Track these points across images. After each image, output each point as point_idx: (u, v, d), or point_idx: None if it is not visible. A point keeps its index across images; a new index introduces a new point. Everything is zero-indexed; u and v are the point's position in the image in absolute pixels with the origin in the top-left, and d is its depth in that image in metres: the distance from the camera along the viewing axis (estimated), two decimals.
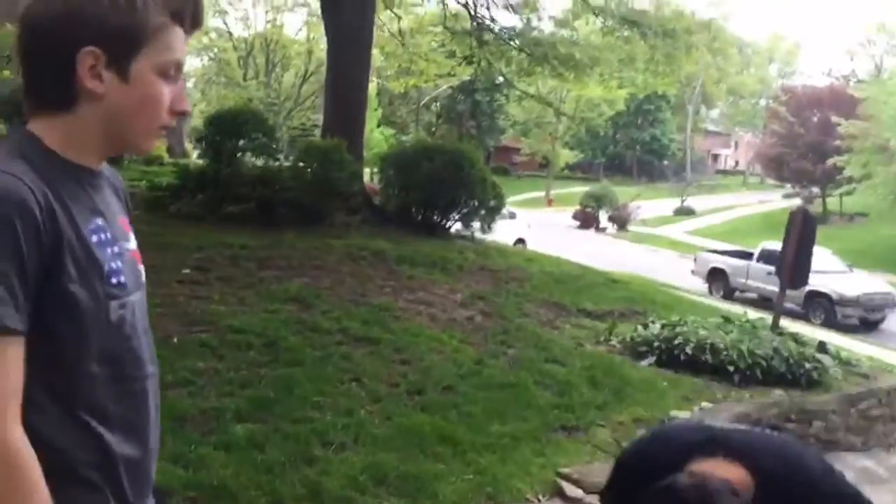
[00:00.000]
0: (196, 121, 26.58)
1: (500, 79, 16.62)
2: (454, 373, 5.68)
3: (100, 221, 1.25)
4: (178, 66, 1.29)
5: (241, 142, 10.21)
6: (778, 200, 44.58)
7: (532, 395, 5.58)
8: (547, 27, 12.49)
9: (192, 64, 46.71)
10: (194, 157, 13.77)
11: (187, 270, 7.16)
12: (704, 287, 18.98)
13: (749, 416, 5.92)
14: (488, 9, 12.79)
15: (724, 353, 6.95)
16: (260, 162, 10.95)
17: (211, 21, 43.08)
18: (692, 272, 19.91)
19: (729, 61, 51.90)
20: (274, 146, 10.78)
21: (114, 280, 1.24)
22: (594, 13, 12.90)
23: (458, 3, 12.75)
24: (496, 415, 5.04)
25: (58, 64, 1.19)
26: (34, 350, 1.13)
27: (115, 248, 1.27)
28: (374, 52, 22.41)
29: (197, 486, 3.39)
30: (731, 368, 6.84)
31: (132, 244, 1.36)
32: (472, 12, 12.40)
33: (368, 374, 5.25)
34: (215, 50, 44.20)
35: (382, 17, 16.75)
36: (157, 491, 1.51)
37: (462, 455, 4.34)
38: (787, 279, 7.86)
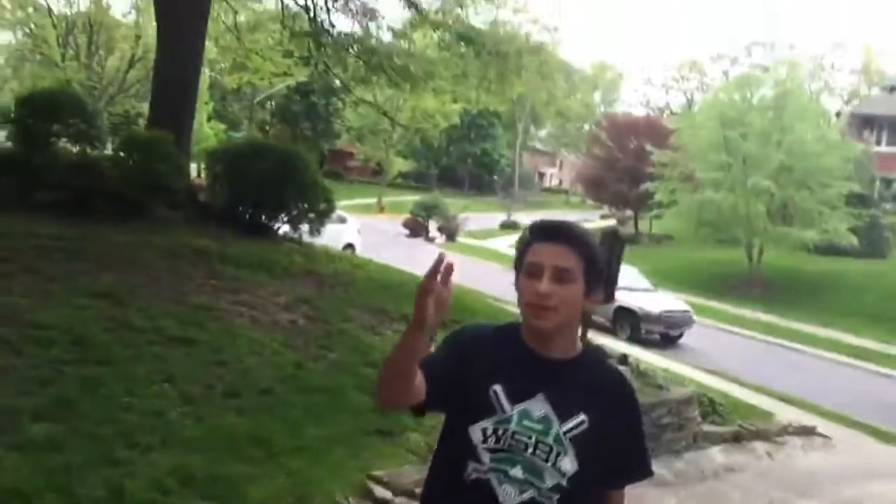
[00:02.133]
0: (5, 98, 24.59)
1: (337, 83, 16.55)
2: (273, 376, 5.65)
3: None
4: None
5: (57, 126, 9.59)
6: (596, 220, 47.09)
7: (350, 399, 5.63)
8: (386, 37, 12.64)
9: (4, 38, 43.34)
10: (1, 138, 12.78)
11: None
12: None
13: None
14: (328, 12, 12.75)
15: None
16: (77, 149, 10.33)
17: None
18: (514, 285, 20.67)
19: (557, 85, 54.31)
20: (94, 133, 10.19)
21: None
22: (432, 27, 13.16)
23: (297, 3, 12.62)
24: (313, 418, 5.06)
25: None
26: None
27: None
28: (208, 44, 21.75)
29: None
30: None
31: None
32: (311, 14, 12.31)
33: (182, 375, 5.12)
34: (32, 25, 41.10)
35: (217, 7, 16.30)
36: None
37: (275, 458, 4.34)
38: None
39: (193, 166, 14.73)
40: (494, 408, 1.92)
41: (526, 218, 47.58)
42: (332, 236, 17.05)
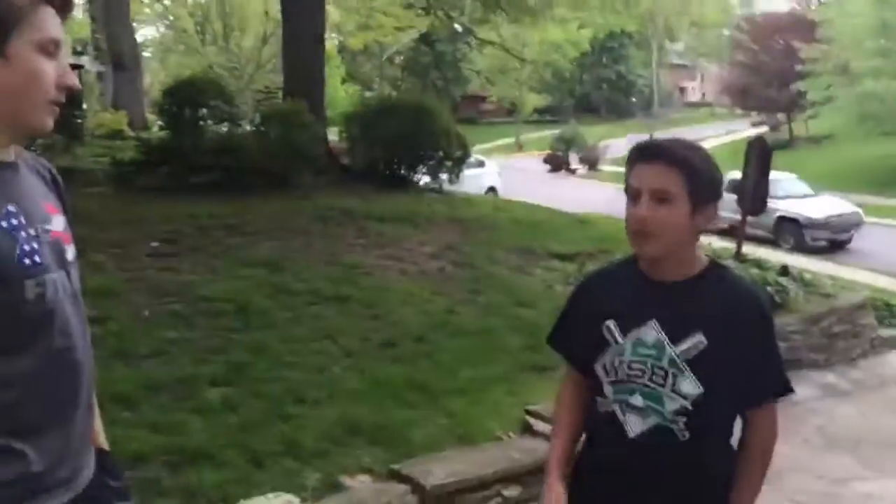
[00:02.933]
0: (156, 91, 26.15)
1: (460, 28, 16.48)
2: (425, 323, 5.81)
3: (11, 208, 1.32)
4: (56, 43, 1.35)
5: (202, 111, 10.12)
6: (746, 129, 44.75)
7: (502, 339, 5.73)
8: None
9: (148, 33, 45.84)
10: (155, 128, 13.64)
11: (156, 244, 7.19)
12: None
13: None
14: None
15: None
16: (224, 129, 10.87)
17: None
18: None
19: None
20: (235, 112, 10.69)
21: (27, 261, 1.31)
22: None
23: None
24: (467, 360, 5.18)
25: None
26: None
27: (31, 231, 1.34)
28: (332, 8, 22.11)
29: (174, 451, 3.51)
30: None
31: (55, 226, 1.42)
32: None
33: (340, 331, 5.37)
34: (170, 18, 43.27)
35: None
36: (104, 457, 1.60)
37: (434, 401, 4.49)
38: (746, 207, 8.03)
39: (334, 130, 15.11)
40: (609, 342, 1.92)
41: (671, 136, 45.93)
42: (473, 181, 17.20)
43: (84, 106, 25.08)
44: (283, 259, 6.93)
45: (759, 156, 7.96)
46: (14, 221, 1.31)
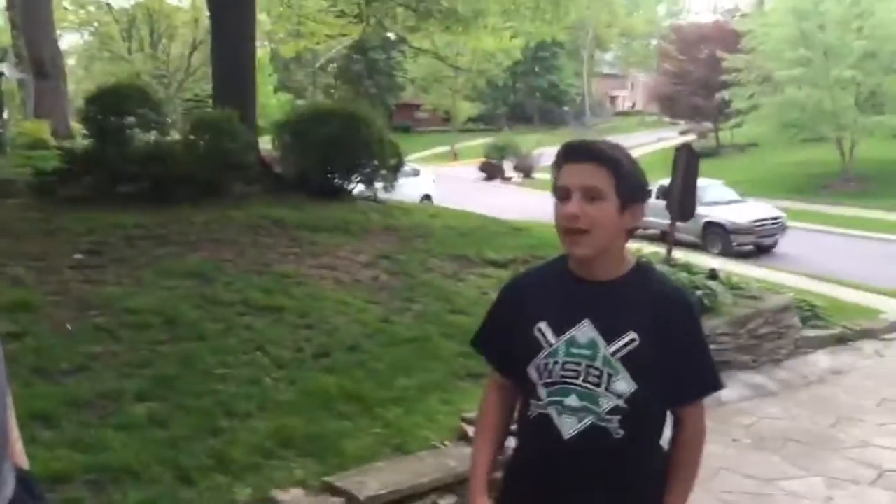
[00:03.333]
0: (81, 100, 25.40)
1: (393, 36, 16.48)
2: (360, 332, 5.75)
3: None
4: None
5: (127, 118, 9.85)
6: (675, 137, 45.79)
7: (438, 346, 5.70)
8: None
9: (72, 40, 44.59)
10: (80, 138, 13.26)
11: (80, 255, 6.95)
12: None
13: None
14: None
15: None
16: (151, 137, 10.61)
17: None
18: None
19: (617, 4, 52.72)
20: (162, 120, 10.45)
21: None
22: None
23: None
24: (402, 369, 5.14)
25: None
26: None
27: None
28: (264, 17, 21.85)
29: (98, 468, 3.39)
30: None
31: None
32: None
33: (272, 342, 5.26)
34: (95, 24, 42.26)
35: None
36: (24, 475, 1.53)
37: (369, 411, 4.44)
38: (675, 213, 8.19)
39: (267, 139, 14.90)
40: (541, 344, 1.91)
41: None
42: (408, 190, 17.18)
43: (5, 115, 24.28)
44: (213, 269, 6.78)
45: (687, 163, 8.13)
46: None
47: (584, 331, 1.88)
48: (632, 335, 1.86)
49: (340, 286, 7.00)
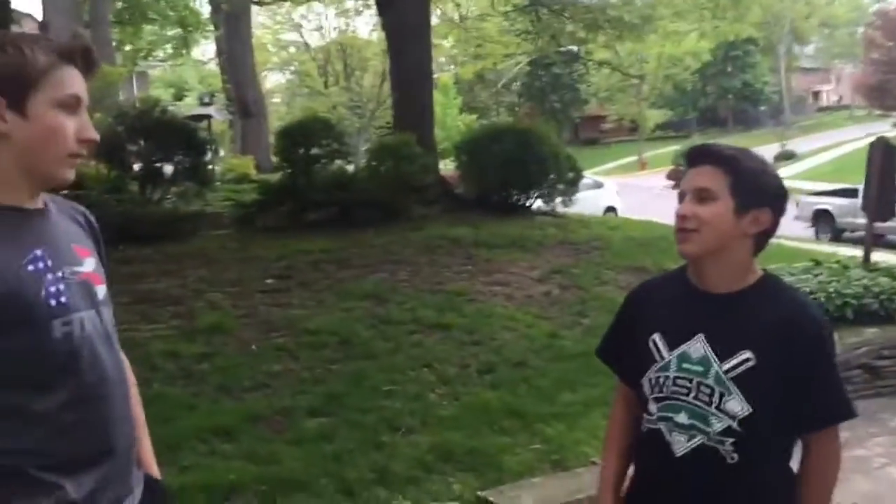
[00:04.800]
0: None
1: (575, 49, 16.46)
2: (526, 348, 5.78)
3: (38, 251, 1.40)
4: (77, 99, 1.43)
5: (314, 150, 10.51)
6: (889, 130, 42.23)
7: None
8: None
9: (275, 80, 48.02)
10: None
11: (270, 280, 7.49)
12: (811, 232, 18.26)
13: (837, 357, 5.76)
14: None
15: (812, 296, 6.75)
16: (336, 165, 11.23)
17: (287, 35, 44.24)
18: (795, 217, 19.15)
19: None
20: (345, 149, 11.05)
21: (52, 301, 1.38)
22: None
23: None
24: (566, 385, 5.11)
25: None
26: None
27: (59, 273, 1.42)
28: (446, 42, 22.59)
29: (268, 480, 3.63)
30: None
31: (86, 267, 1.50)
32: None
33: (439, 359, 5.41)
34: (295, 64, 45.32)
35: (442, 6, 16.91)
36: (153, 484, 1.67)
37: (529, 426, 4.45)
38: (872, 212, 7.57)
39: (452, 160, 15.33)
40: (654, 357, 1.85)
41: (804, 144, 43.95)
42: (591, 202, 17.02)
43: (221, 153, 26.55)
44: (388, 290, 7.07)
45: (883, 157, 7.49)
46: (41, 265, 1.39)
47: (697, 346, 1.80)
48: (747, 354, 1.75)
49: (511, 302, 7.06)
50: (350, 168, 11.53)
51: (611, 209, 19.37)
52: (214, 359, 5.12)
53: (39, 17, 18.35)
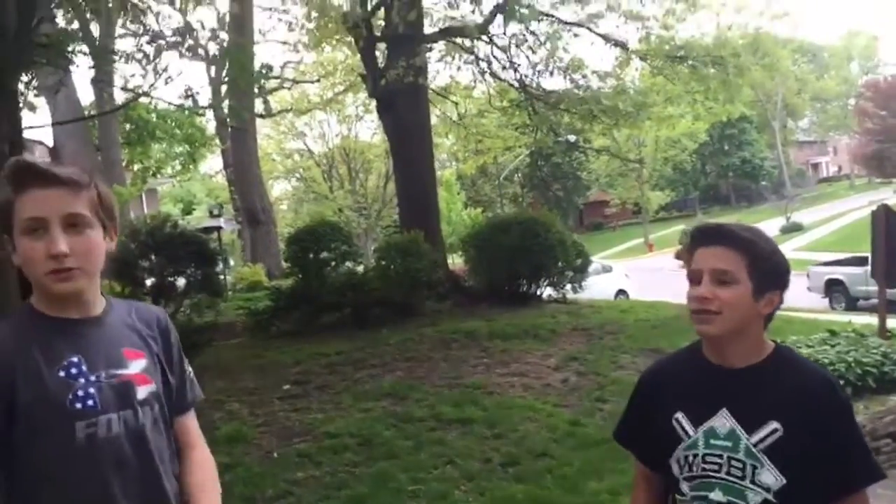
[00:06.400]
0: None
1: (573, 139, 16.85)
2: (548, 438, 5.73)
3: (73, 358, 1.53)
4: (35, 220, 1.53)
5: (323, 254, 10.65)
6: (890, 197, 42.47)
7: None
8: (593, 83, 12.67)
9: (281, 188, 48.87)
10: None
11: (287, 386, 7.50)
12: (824, 302, 18.19)
13: (864, 428, 5.68)
14: (537, 76, 13.09)
15: (831, 367, 6.71)
16: (346, 268, 11.35)
17: (292, 143, 45.30)
18: (808, 289, 19.09)
19: (804, 70, 50.64)
20: (354, 251, 11.20)
21: (78, 405, 1.50)
22: (641, 58, 13.05)
23: (506, 80, 13.13)
24: (592, 473, 5.04)
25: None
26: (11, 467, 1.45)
27: (92, 377, 1.54)
28: (447, 140, 23.11)
29: None
30: (841, 382, 6.57)
31: (131, 369, 1.61)
32: (520, 85, 12.74)
33: (462, 454, 5.36)
34: (300, 170, 46.22)
35: (441, 107, 17.39)
36: None
37: None
38: (881, 278, 7.59)
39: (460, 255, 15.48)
40: (680, 436, 1.86)
41: (808, 215, 44.17)
42: (601, 287, 17.04)
43: (231, 262, 26.79)
44: (406, 388, 7.06)
45: (887, 223, 7.57)
46: (73, 370, 1.51)
47: (723, 421, 1.82)
48: (774, 425, 1.77)
49: (529, 392, 7.03)
50: (360, 269, 11.64)
51: (621, 292, 19.37)
52: (236, 469, 5.09)
53: (50, 143, 18.90)
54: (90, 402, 1.51)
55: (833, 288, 18.47)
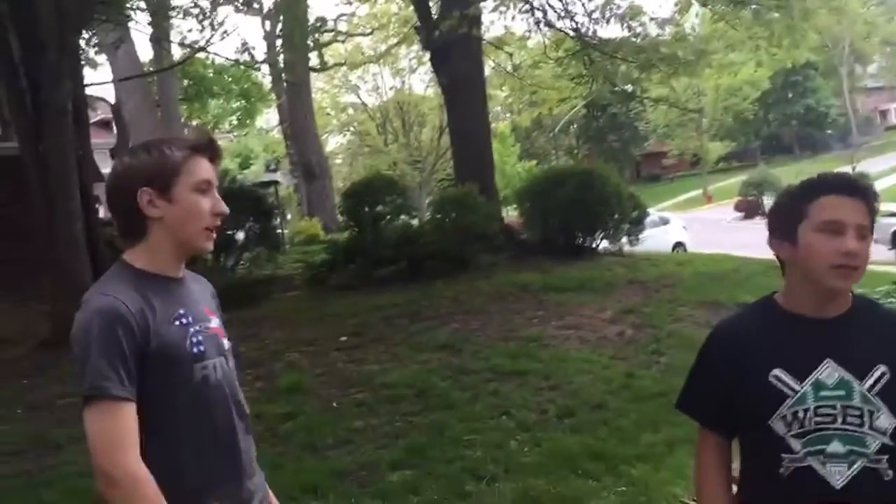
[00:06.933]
0: None
1: (629, 88, 16.49)
2: (604, 390, 5.73)
3: (181, 311, 1.74)
4: (208, 182, 1.77)
5: (379, 207, 10.72)
6: None
7: None
8: (651, 30, 12.33)
9: (336, 141, 49.06)
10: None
11: (344, 338, 7.62)
12: (890, 254, 17.72)
13: None
14: (593, 24, 12.81)
15: None
16: (401, 221, 11.41)
17: (346, 97, 45.38)
18: (874, 241, 18.55)
19: (873, 12, 48.52)
20: (409, 204, 11.24)
21: (195, 350, 1.72)
22: (701, 4, 12.67)
23: (561, 29, 12.89)
24: (648, 425, 5.04)
25: (126, 206, 1.74)
26: (145, 412, 1.63)
27: (197, 327, 1.75)
28: (501, 92, 22.97)
29: None
30: None
31: (213, 324, 1.83)
32: (575, 34, 12.50)
33: (517, 406, 5.41)
34: (355, 124, 46.32)
35: (494, 56, 17.18)
36: None
37: (614, 469, 4.39)
38: None
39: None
40: (784, 393, 1.83)
41: (874, 164, 42.67)
42: (658, 239, 16.83)
43: (288, 216, 27.15)
44: (461, 340, 7.12)
45: None
46: (184, 321, 1.73)
47: (830, 371, 1.79)
48: (882, 368, 1.75)
49: (585, 345, 7.03)
50: (415, 222, 11.70)
51: (679, 245, 19.12)
52: (297, 418, 5.23)
53: (112, 100, 19.28)
54: (202, 348, 1.73)
55: None
